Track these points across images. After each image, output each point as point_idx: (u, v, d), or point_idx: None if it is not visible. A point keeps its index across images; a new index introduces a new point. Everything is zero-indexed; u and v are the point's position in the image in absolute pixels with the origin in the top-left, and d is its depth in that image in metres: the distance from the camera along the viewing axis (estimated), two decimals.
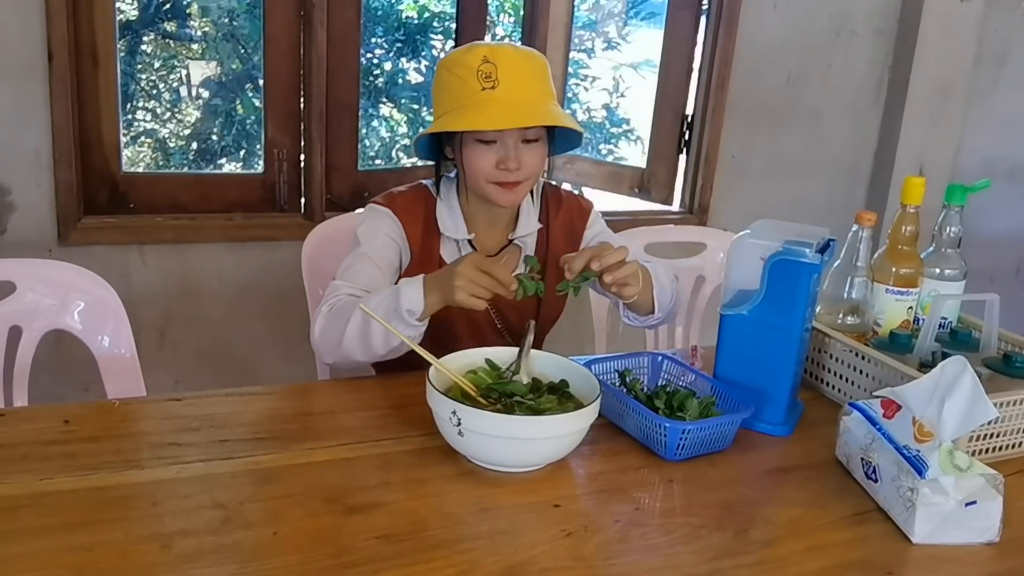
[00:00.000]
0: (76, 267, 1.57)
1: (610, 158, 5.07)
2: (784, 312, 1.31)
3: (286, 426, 1.28)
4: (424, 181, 1.60)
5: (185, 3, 4.04)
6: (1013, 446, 1.32)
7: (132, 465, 1.13)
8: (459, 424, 1.13)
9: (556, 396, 1.26)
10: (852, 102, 3.04)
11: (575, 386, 1.27)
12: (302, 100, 2.42)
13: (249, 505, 1.06)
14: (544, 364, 1.32)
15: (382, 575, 0.95)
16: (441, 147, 1.54)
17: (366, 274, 1.48)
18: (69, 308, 1.55)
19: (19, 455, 1.14)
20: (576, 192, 1.80)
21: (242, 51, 3.81)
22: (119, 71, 2.26)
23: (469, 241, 1.56)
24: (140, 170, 3.57)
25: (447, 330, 1.51)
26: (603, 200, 2.91)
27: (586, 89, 5.45)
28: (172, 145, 4.11)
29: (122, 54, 4.00)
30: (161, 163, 3.99)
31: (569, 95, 5.39)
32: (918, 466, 1.09)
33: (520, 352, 1.31)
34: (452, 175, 1.59)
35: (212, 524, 1.02)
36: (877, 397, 1.22)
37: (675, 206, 2.98)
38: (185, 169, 3.89)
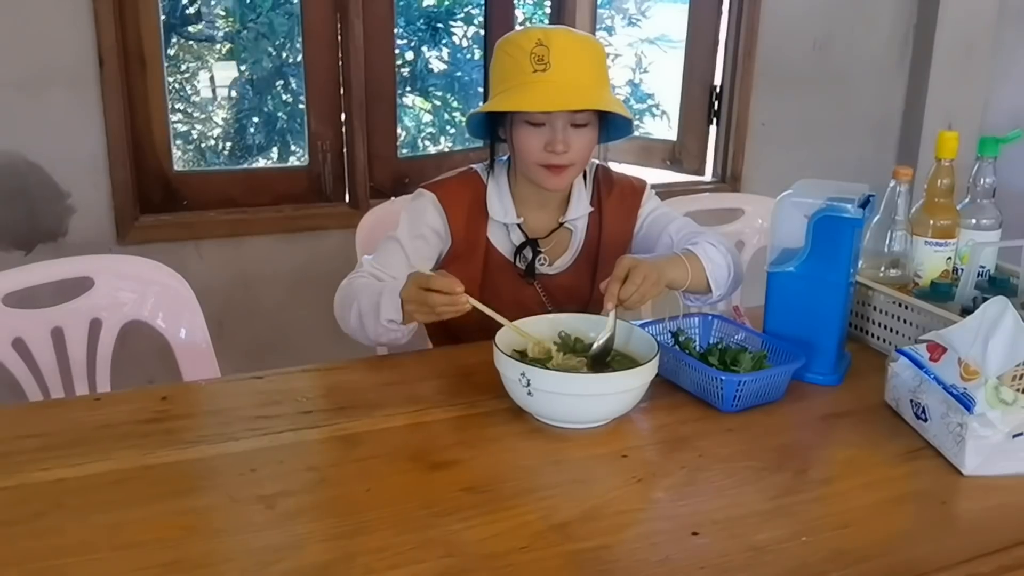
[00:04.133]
0: (149, 261, 1.66)
1: (639, 132, 5.12)
2: (829, 266, 1.37)
3: (364, 395, 1.36)
4: (475, 166, 1.64)
5: (213, 3, 4.13)
6: None
7: (227, 437, 1.21)
8: (528, 384, 1.20)
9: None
10: (878, 64, 3.08)
11: (633, 346, 1.34)
12: (342, 92, 2.50)
13: (340, 467, 1.15)
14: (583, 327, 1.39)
15: (472, 521, 1.03)
16: (495, 128, 1.59)
17: (393, 259, 1.55)
18: (147, 300, 1.64)
19: (121, 433, 1.22)
20: (627, 172, 1.82)
21: (271, 50, 3.89)
22: (165, 72, 2.35)
23: (518, 225, 1.61)
24: (189, 168, 3.67)
25: (497, 311, 1.55)
26: (635, 173, 2.97)
27: (608, 67, 5.48)
28: (206, 146, 4.21)
29: None
30: (199, 163, 4.10)
31: None
32: (966, 402, 1.15)
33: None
34: (504, 158, 1.63)
35: (309, 485, 1.11)
36: (923, 342, 1.28)
37: (707, 176, 3.03)
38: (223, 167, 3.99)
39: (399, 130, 4.47)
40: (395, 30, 4.34)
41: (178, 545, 0.98)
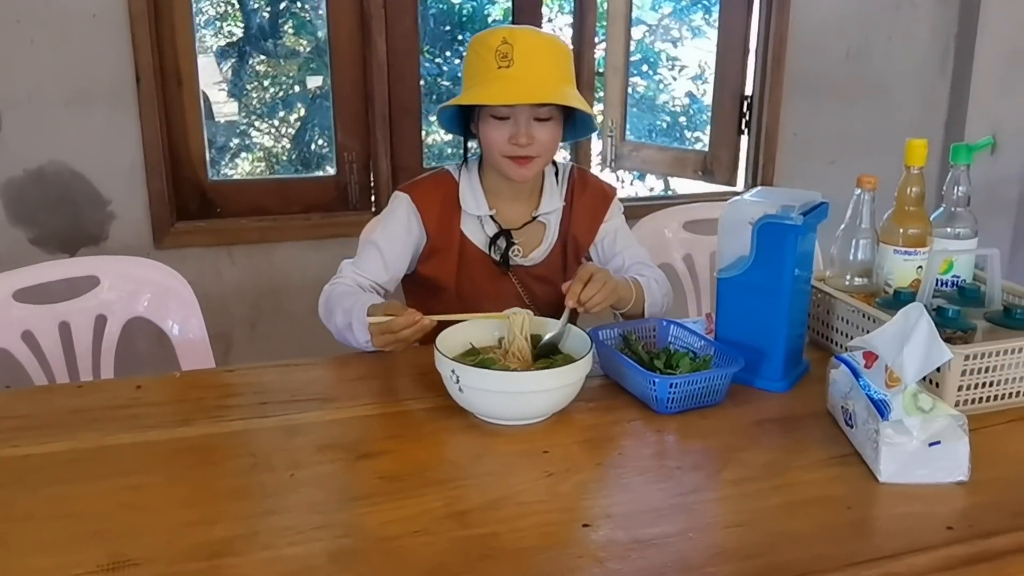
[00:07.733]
0: (151, 262, 1.79)
1: (698, 145, 5.12)
2: (773, 272, 1.38)
3: (322, 390, 1.44)
4: (448, 166, 1.73)
5: (281, 22, 4.35)
6: (1009, 395, 1.35)
7: (183, 424, 1.31)
8: (458, 381, 1.26)
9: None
10: (917, 73, 3.02)
11: (571, 345, 1.39)
12: (366, 106, 2.60)
13: (275, 454, 1.22)
14: (541, 328, 1.44)
15: (380, 506, 1.09)
16: (468, 124, 1.66)
17: (370, 263, 1.66)
18: (150, 299, 1.76)
19: (90, 418, 1.33)
20: (602, 177, 1.89)
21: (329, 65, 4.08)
22: (201, 90, 2.50)
23: (491, 217, 1.68)
24: (229, 178, 3.89)
25: (475, 304, 1.64)
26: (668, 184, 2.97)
27: (674, 79, 5.51)
28: (283, 156, 4.44)
29: (229, 75, 4.36)
30: (270, 171, 4.34)
31: (660, 86, 5.46)
32: (881, 409, 1.15)
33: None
34: (475, 156, 1.71)
35: (241, 469, 1.19)
36: (857, 348, 1.28)
37: (739, 187, 3.02)
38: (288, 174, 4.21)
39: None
40: (458, 47, 4.49)
41: (109, 517, 1.07)
